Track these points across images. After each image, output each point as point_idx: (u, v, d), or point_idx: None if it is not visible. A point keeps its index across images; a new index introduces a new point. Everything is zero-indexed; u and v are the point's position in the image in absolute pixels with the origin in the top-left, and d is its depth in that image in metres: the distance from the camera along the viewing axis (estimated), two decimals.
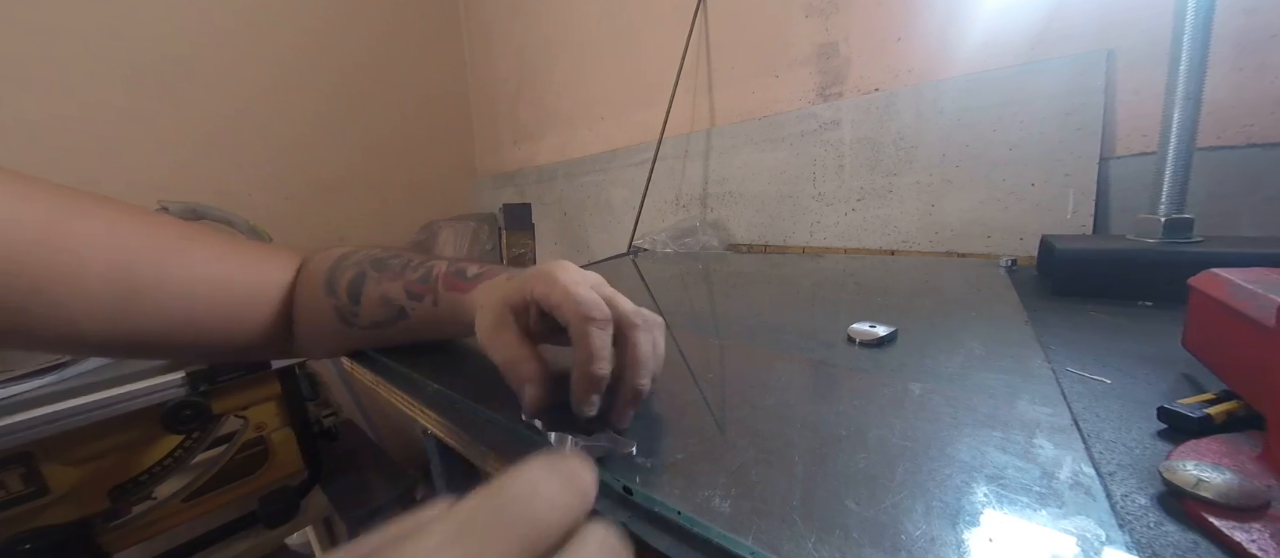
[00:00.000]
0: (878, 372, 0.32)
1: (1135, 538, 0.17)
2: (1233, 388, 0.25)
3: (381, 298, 0.35)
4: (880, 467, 0.21)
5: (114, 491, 0.78)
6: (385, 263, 0.36)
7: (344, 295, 0.36)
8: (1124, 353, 0.33)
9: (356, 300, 0.36)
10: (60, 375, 0.77)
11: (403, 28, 1.77)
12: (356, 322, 0.37)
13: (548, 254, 1.63)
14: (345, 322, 0.37)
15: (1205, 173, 0.55)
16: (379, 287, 0.36)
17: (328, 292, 0.36)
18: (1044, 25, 0.68)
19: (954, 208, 0.78)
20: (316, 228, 1.63)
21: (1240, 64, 0.56)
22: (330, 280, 0.37)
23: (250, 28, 1.47)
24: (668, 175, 1.21)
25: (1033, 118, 0.69)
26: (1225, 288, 0.26)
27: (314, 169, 1.62)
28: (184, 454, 0.83)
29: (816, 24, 0.91)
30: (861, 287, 0.60)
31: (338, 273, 0.37)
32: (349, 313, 0.36)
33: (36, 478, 0.72)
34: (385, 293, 0.35)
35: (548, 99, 1.59)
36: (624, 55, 1.31)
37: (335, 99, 1.65)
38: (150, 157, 1.34)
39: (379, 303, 0.36)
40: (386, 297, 0.35)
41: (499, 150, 1.90)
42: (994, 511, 0.18)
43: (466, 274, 0.34)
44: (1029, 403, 0.26)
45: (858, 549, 0.17)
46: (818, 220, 0.95)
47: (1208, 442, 0.22)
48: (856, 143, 0.88)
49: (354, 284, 0.36)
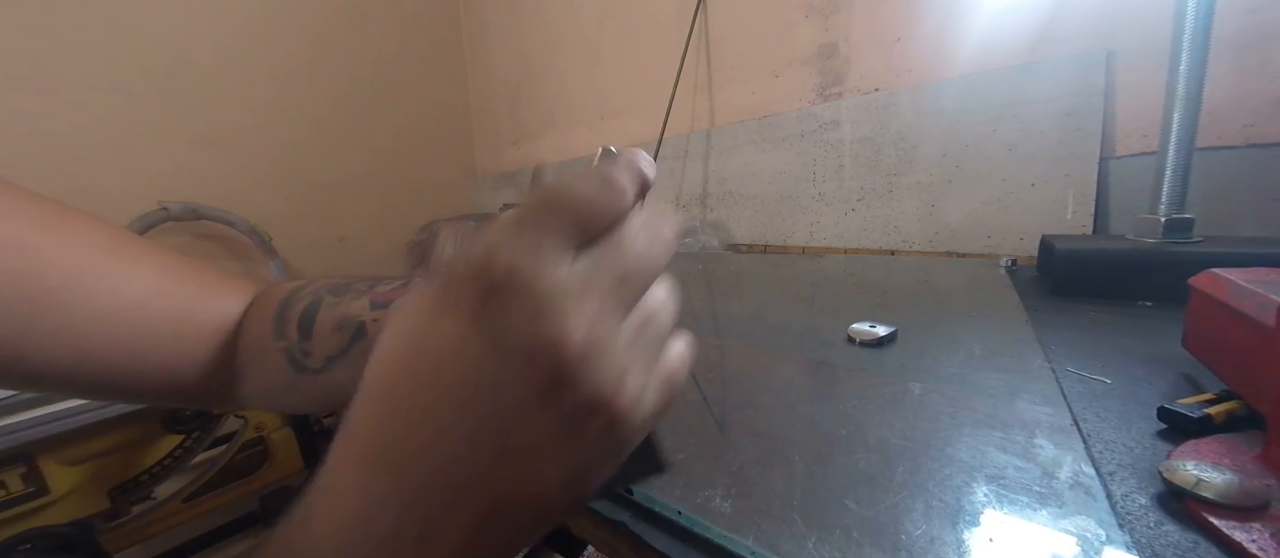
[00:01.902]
0: (878, 372, 0.32)
1: (1135, 538, 0.17)
2: (1233, 388, 0.25)
3: (336, 322, 0.30)
4: (880, 467, 0.21)
5: (114, 491, 0.78)
6: (346, 286, 0.31)
7: (294, 333, 0.30)
8: (1124, 353, 0.33)
9: (308, 335, 0.30)
10: None
11: (403, 28, 1.77)
12: (308, 364, 0.30)
13: None
14: (295, 366, 0.30)
15: (1205, 173, 0.55)
16: (335, 311, 0.30)
17: (276, 334, 0.30)
18: (1044, 25, 0.68)
19: (954, 208, 0.78)
20: (317, 228, 1.63)
21: (1240, 64, 0.56)
22: (279, 318, 0.31)
23: (253, 31, 1.47)
24: (668, 175, 1.21)
25: (1033, 118, 0.69)
26: (1225, 288, 0.26)
27: (314, 170, 1.62)
28: (184, 454, 0.83)
29: (816, 24, 0.91)
30: (861, 287, 0.60)
31: (289, 308, 0.31)
32: (298, 353, 0.30)
33: (36, 478, 0.72)
34: (342, 315, 0.30)
35: (548, 99, 1.59)
36: (624, 55, 1.31)
37: (335, 100, 1.65)
38: (152, 157, 1.34)
39: (333, 329, 0.30)
40: (343, 319, 0.30)
41: (499, 150, 1.90)
42: (994, 510, 0.18)
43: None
44: (1029, 403, 0.26)
45: (858, 549, 0.17)
46: (818, 220, 0.95)
47: (1208, 442, 0.22)
48: (856, 143, 0.88)
49: (306, 316, 0.30)
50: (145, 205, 1.20)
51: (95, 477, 0.77)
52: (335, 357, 0.29)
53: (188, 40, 1.37)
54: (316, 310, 0.30)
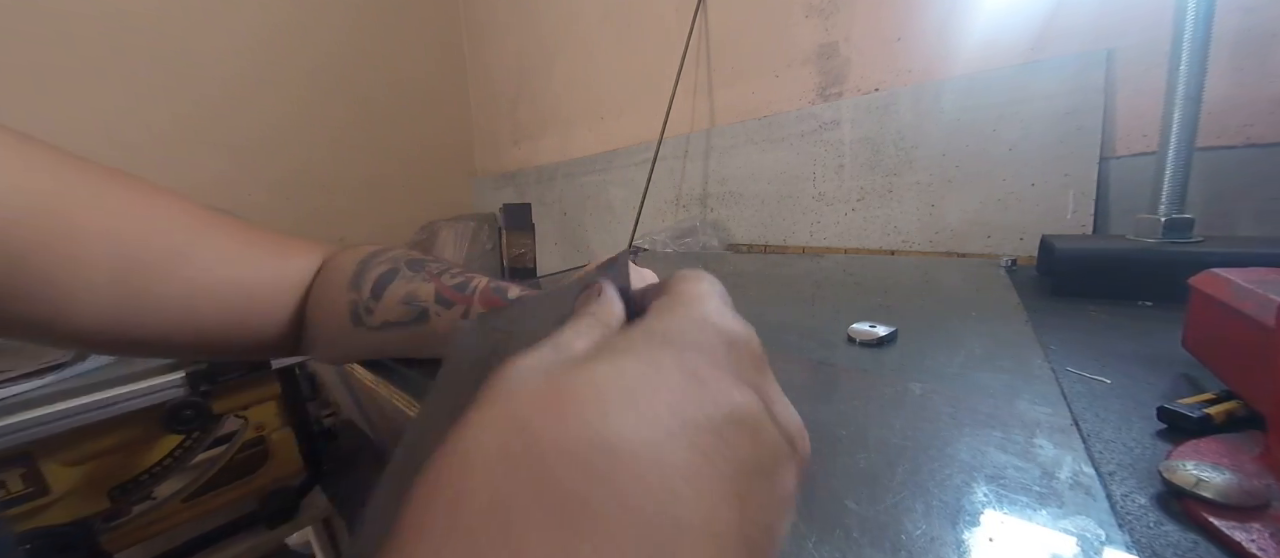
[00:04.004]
0: (878, 372, 0.32)
1: (1135, 538, 0.17)
2: (1233, 388, 0.25)
3: (406, 296, 0.33)
4: (880, 467, 0.21)
5: (114, 491, 0.78)
6: (421, 263, 0.35)
7: (366, 291, 0.34)
8: (1124, 353, 0.33)
9: (378, 296, 0.34)
10: (60, 375, 0.77)
11: (402, 29, 1.77)
12: (369, 320, 0.34)
13: (548, 254, 1.63)
14: (356, 320, 0.34)
15: (1205, 173, 0.55)
16: (408, 285, 0.34)
17: (351, 286, 0.34)
18: (1044, 25, 0.68)
19: (954, 208, 0.78)
20: (317, 229, 1.63)
21: (1240, 64, 0.56)
22: (358, 274, 0.34)
23: (255, 36, 1.47)
24: (668, 175, 1.21)
25: (1033, 118, 0.69)
26: (1225, 288, 0.26)
27: (317, 173, 1.63)
28: (184, 454, 0.83)
29: (816, 24, 0.91)
30: (862, 287, 0.60)
31: (368, 267, 0.35)
32: (364, 310, 0.34)
33: (36, 478, 0.72)
34: (412, 292, 0.33)
35: (548, 99, 1.59)
36: (624, 55, 1.31)
37: (338, 105, 1.65)
38: (161, 161, 1.35)
39: (401, 301, 0.34)
40: (412, 296, 0.33)
41: (499, 150, 1.90)
42: (994, 510, 0.18)
43: (507, 295, 0.33)
44: (1029, 403, 0.26)
45: (858, 549, 0.17)
46: (818, 220, 0.95)
47: (1207, 442, 0.22)
48: (857, 143, 0.88)
49: (382, 280, 0.34)
50: None
51: (95, 477, 0.77)
52: (393, 324, 0.33)
53: (188, 40, 1.37)
54: (392, 279, 0.34)
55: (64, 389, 0.73)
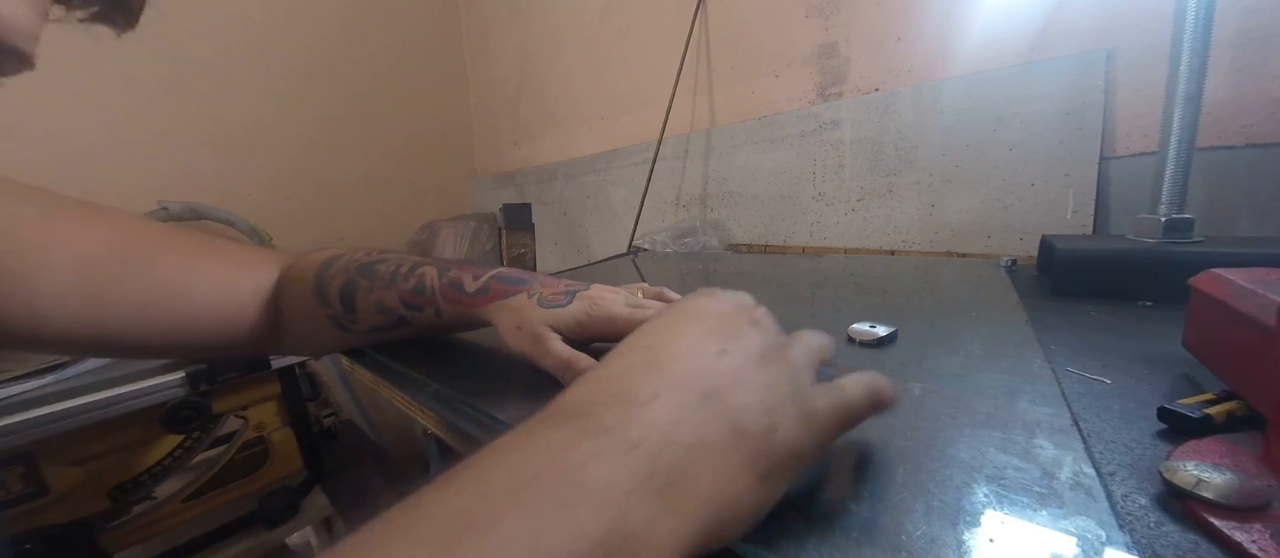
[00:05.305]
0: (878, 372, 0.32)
1: (1135, 538, 0.17)
2: (1233, 388, 0.25)
3: (377, 305, 0.35)
4: (880, 467, 0.21)
5: (114, 491, 0.78)
6: (372, 270, 0.36)
7: (337, 305, 0.36)
8: (1124, 353, 0.33)
9: (352, 309, 0.36)
10: (60, 375, 0.77)
11: (403, 29, 1.77)
12: (355, 328, 0.37)
13: (548, 254, 1.63)
14: (342, 328, 0.37)
15: (1205, 173, 0.55)
16: (371, 295, 0.35)
17: (320, 302, 0.36)
18: (1044, 25, 0.68)
19: (954, 208, 0.78)
20: (317, 229, 1.63)
21: (1240, 64, 0.56)
22: (319, 289, 0.36)
23: (255, 32, 1.47)
24: (668, 175, 1.21)
25: (1033, 118, 0.69)
26: (1226, 288, 0.26)
27: (315, 171, 1.63)
28: (184, 454, 0.83)
29: (816, 24, 0.91)
30: (861, 287, 0.60)
31: (325, 281, 0.36)
32: (345, 321, 0.36)
33: (36, 478, 0.72)
34: (380, 300, 0.35)
35: (548, 99, 1.59)
36: (624, 55, 1.31)
37: (335, 102, 1.65)
38: (153, 158, 1.34)
39: (376, 310, 0.35)
40: (382, 304, 0.35)
41: (499, 150, 1.90)
42: (994, 511, 0.18)
43: (465, 288, 0.34)
44: (1029, 403, 0.26)
45: (858, 549, 0.17)
46: (818, 220, 0.95)
47: (1208, 442, 0.22)
48: (856, 143, 0.88)
49: (345, 292, 0.36)
50: (145, 205, 1.20)
51: (95, 477, 0.77)
52: (379, 328, 0.37)
53: (189, 41, 1.37)
54: (354, 291, 0.36)
55: (64, 389, 0.73)
